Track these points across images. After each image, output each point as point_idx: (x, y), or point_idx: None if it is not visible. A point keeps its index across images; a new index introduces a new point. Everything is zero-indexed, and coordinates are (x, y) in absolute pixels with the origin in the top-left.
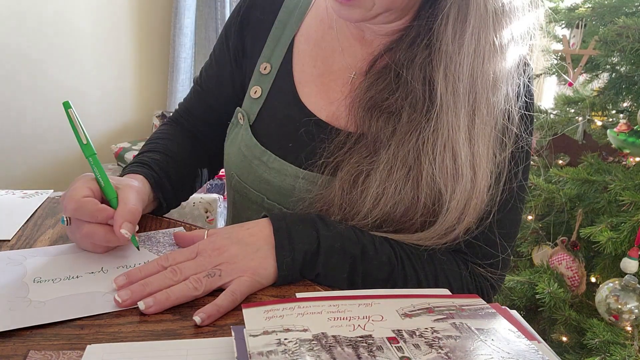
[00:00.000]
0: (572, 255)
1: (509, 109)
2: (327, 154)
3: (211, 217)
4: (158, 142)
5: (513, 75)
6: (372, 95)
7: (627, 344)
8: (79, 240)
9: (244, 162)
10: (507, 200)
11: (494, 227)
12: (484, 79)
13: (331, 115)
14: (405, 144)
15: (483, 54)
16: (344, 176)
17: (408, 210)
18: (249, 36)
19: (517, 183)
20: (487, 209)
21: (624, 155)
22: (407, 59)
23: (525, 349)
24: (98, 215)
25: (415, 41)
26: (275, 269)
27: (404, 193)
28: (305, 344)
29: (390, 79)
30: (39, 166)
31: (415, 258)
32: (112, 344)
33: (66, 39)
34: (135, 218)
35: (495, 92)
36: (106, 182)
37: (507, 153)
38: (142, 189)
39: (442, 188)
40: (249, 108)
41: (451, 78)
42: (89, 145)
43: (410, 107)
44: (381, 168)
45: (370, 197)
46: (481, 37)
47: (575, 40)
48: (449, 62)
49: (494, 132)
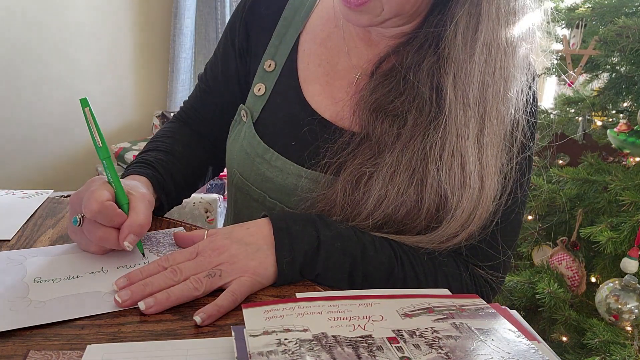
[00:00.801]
0: (572, 255)
1: (518, 119)
2: (331, 153)
3: (211, 217)
4: (163, 141)
5: (523, 86)
6: (377, 97)
7: (627, 344)
8: (86, 241)
9: (247, 160)
10: (512, 210)
11: (496, 232)
12: (495, 89)
13: (335, 115)
14: (410, 148)
15: (494, 64)
16: (347, 177)
17: (410, 213)
18: (254, 32)
19: (522, 193)
20: (491, 218)
21: (624, 155)
22: (415, 63)
23: (525, 349)
24: (116, 220)
25: (423, 46)
26: (275, 269)
27: (406, 196)
28: (305, 344)
29: (397, 82)
30: (39, 166)
31: (416, 259)
32: (112, 344)
33: (67, 39)
34: (143, 232)
35: (505, 102)
36: (119, 187)
37: (514, 163)
38: (152, 198)
39: (449, 195)
40: (252, 105)
41: (461, 86)
42: (105, 147)
43: (417, 111)
44: (384, 170)
45: (372, 199)
46: (492, 47)
47: (575, 40)
48: (458, 71)
49: (503, 142)
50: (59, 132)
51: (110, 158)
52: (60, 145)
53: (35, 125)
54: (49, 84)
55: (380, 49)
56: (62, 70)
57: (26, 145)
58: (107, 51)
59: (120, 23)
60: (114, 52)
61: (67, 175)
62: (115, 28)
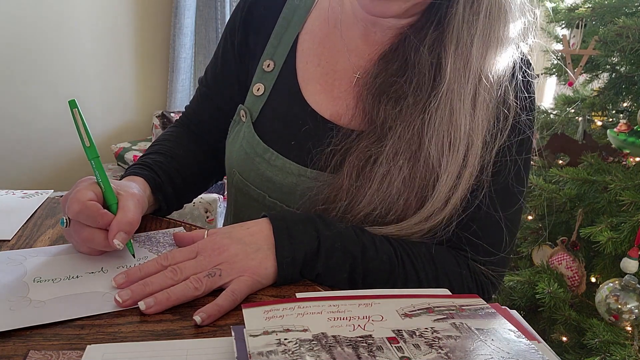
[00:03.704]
0: (572, 255)
1: (513, 82)
2: (331, 152)
3: (211, 217)
4: (164, 144)
5: (518, 45)
6: (380, 82)
7: (627, 344)
8: (76, 242)
9: (246, 160)
10: (506, 181)
11: (495, 225)
12: (494, 42)
13: (335, 114)
14: (410, 125)
15: (495, 25)
16: (353, 161)
17: (405, 190)
18: (252, 32)
19: (514, 167)
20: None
21: (624, 155)
22: (417, 42)
23: (525, 349)
24: (100, 220)
25: (425, 25)
26: (275, 269)
27: (406, 174)
28: (305, 344)
29: (399, 64)
30: (39, 166)
31: (416, 257)
32: (112, 344)
33: (66, 39)
34: (132, 229)
35: (501, 60)
36: (107, 187)
37: (508, 125)
38: (142, 196)
39: (437, 162)
40: (251, 105)
41: (461, 53)
42: (93, 147)
43: (417, 88)
44: (387, 150)
45: (376, 182)
46: (494, 11)
47: (575, 40)
48: (461, 38)
49: (494, 101)
50: (59, 132)
51: (98, 158)
52: (61, 145)
53: (35, 125)
54: (49, 84)
55: (380, 46)
56: (62, 70)
57: (26, 145)
58: (107, 51)
59: (120, 23)
60: (114, 52)
61: (67, 175)
62: (115, 28)
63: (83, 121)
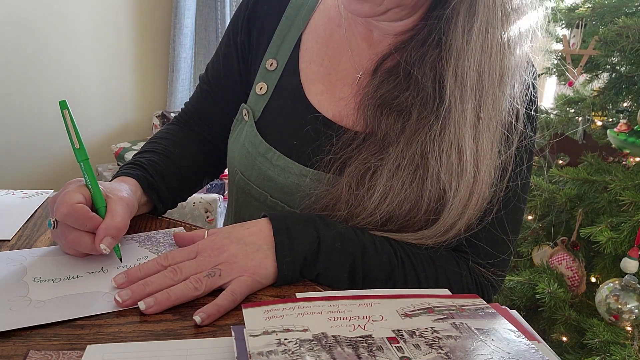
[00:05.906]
0: (572, 255)
1: (515, 107)
2: (333, 152)
3: (211, 217)
4: (159, 143)
5: (520, 73)
6: (382, 94)
7: (627, 344)
8: (63, 244)
9: (248, 159)
10: (510, 199)
11: (496, 227)
12: (491, 74)
13: (337, 114)
14: (414, 142)
15: (490, 49)
16: (352, 172)
17: (413, 208)
18: (256, 31)
19: (520, 181)
20: (489, 206)
21: (624, 155)
22: (418, 58)
23: (525, 349)
24: (87, 223)
25: (427, 40)
26: (275, 269)
27: (409, 191)
28: (305, 344)
29: (401, 78)
30: (39, 166)
31: (416, 258)
32: (112, 344)
33: (66, 39)
34: (119, 234)
35: (501, 88)
36: (96, 190)
37: (512, 150)
38: (132, 200)
39: (447, 185)
40: (254, 104)
41: (460, 74)
42: (82, 149)
43: (421, 105)
44: (389, 164)
45: (377, 194)
46: (489, 32)
47: (575, 40)
48: (457, 59)
49: (499, 128)
50: (60, 132)
51: (88, 160)
52: (61, 145)
53: (35, 125)
54: (49, 84)
55: (383, 48)
56: (62, 70)
57: (26, 145)
58: (107, 51)
59: (120, 23)
60: (114, 52)
61: (67, 175)
62: (115, 28)
63: (73, 122)
